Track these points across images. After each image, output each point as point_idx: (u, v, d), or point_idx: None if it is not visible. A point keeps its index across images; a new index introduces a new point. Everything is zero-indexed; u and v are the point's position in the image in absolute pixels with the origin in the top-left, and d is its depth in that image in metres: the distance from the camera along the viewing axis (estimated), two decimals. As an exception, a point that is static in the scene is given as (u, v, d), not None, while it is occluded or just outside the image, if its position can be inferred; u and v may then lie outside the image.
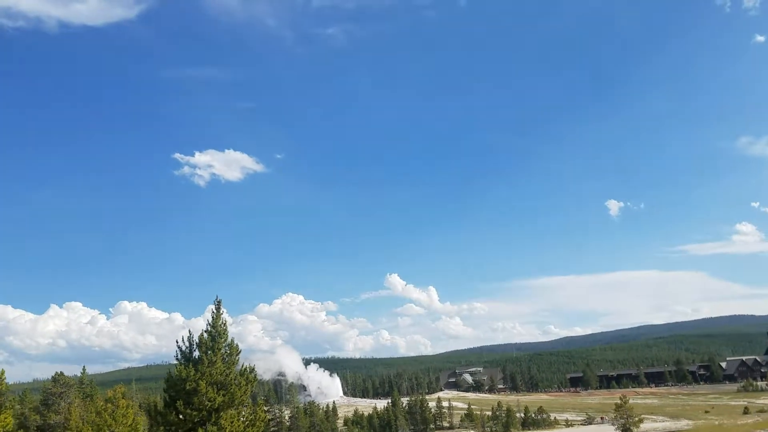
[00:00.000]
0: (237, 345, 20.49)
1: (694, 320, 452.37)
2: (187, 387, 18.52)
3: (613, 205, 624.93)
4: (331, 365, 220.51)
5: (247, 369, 20.35)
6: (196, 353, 19.61)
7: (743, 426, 45.62)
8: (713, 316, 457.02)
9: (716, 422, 61.38)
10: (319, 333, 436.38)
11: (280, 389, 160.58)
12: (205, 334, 19.70)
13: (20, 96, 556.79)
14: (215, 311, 20.13)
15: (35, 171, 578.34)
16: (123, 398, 16.41)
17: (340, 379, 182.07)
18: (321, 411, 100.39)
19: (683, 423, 66.43)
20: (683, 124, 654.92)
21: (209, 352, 19.36)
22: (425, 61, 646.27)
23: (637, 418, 42.55)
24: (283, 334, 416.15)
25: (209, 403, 18.66)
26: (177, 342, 19.74)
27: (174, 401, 18.77)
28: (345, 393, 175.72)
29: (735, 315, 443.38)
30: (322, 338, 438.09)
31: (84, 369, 61.20)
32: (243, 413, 19.59)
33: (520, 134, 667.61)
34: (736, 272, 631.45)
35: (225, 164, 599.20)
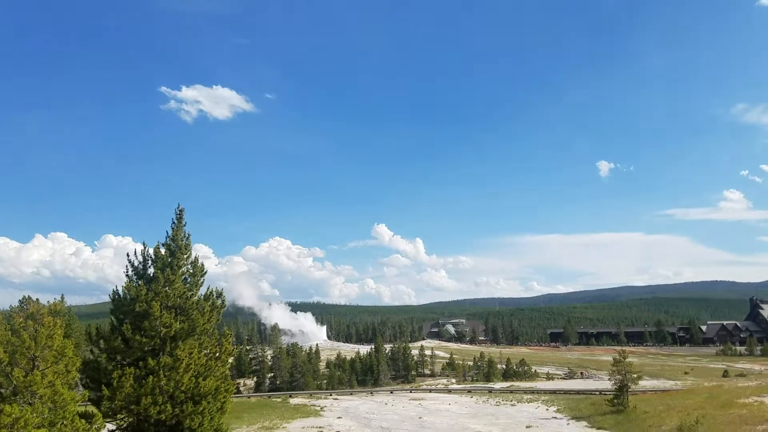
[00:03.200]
0: (202, 265, 17.27)
1: (676, 284, 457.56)
2: (137, 308, 15.35)
3: (604, 166, 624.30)
4: (316, 310, 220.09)
5: (213, 293, 17.18)
6: (151, 270, 16.38)
7: (745, 388, 43.76)
8: (695, 280, 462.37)
9: (705, 383, 59.98)
10: (304, 278, 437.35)
11: (263, 330, 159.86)
12: (162, 248, 16.41)
13: (5, 26, 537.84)
14: (176, 222, 16.81)
15: (21, 100, 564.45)
16: (50, 316, 13.20)
17: (325, 324, 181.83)
18: (304, 353, 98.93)
19: (671, 383, 65.09)
20: (680, 87, 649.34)
21: (167, 269, 16.11)
22: (423, 6, 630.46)
23: (635, 375, 40.36)
24: (269, 277, 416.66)
25: (164, 330, 15.56)
26: (128, 256, 16.48)
27: (121, 325, 15.65)
28: (329, 337, 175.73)
29: (716, 281, 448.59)
30: (308, 284, 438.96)
31: (62, 297, 57.76)
32: (206, 344, 16.51)
33: (516, 87, 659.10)
34: (720, 239, 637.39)
35: (213, 101, 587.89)
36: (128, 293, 15.75)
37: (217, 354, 16.41)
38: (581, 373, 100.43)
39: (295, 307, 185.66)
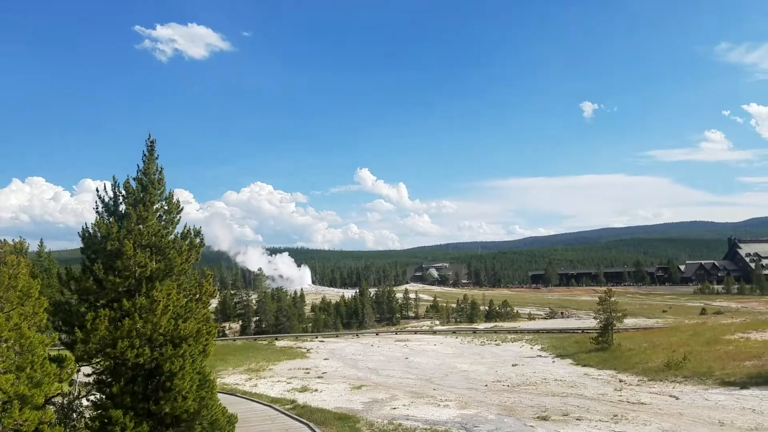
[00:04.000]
0: (178, 201, 16.13)
1: (655, 224, 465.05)
2: (109, 247, 14.29)
3: (588, 107, 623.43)
4: (299, 255, 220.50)
5: (191, 231, 16.11)
6: (123, 207, 15.24)
7: (729, 325, 44.35)
8: (674, 221, 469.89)
9: (686, 321, 60.99)
10: (287, 224, 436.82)
11: (248, 275, 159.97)
12: (133, 182, 15.23)
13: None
14: (147, 154, 15.56)
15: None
16: (13, 254, 12.15)
17: (303, 266, 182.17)
18: (289, 297, 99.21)
19: (652, 321, 66.21)
20: (663, 25, 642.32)
21: (139, 205, 14.97)
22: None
23: (621, 313, 40.55)
24: (252, 222, 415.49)
25: (139, 270, 14.55)
26: (97, 191, 15.29)
27: (92, 265, 14.62)
28: (314, 282, 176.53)
29: (695, 221, 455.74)
30: (291, 229, 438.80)
31: (41, 242, 56.23)
32: (185, 285, 15.58)
33: (500, 29, 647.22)
34: (700, 180, 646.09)
35: (188, 39, 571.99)
36: (98, 231, 14.64)
37: (197, 295, 15.50)
38: (561, 313, 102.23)
39: (279, 253, 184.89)
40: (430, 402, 23.90)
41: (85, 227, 14.95)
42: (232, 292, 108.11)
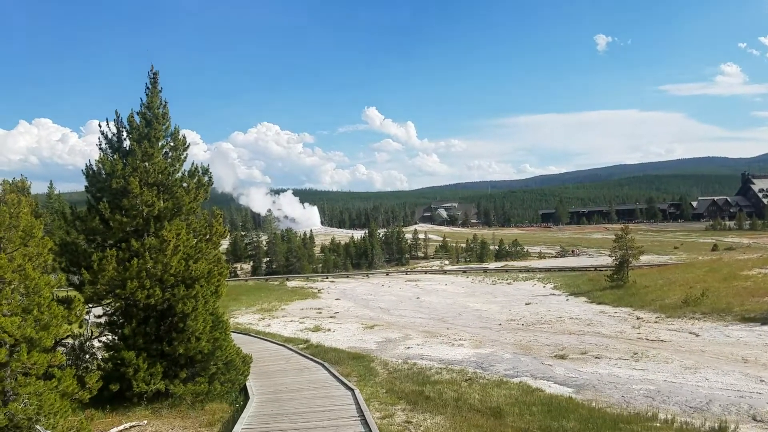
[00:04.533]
0: (184, 138, 15.38)
1: (668, 161, 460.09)
2: (114, 185, 13.67)
3: (602, 40, 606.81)
4: (307, 197, 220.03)
5: (199, 169, 15.43)
6: (127, 144, 14.52)
7: (746, 261, 43.78)
8: (687, 157, 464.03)
9: (700, 257, 60.54)
10: (295, 164, 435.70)
11: (258, 217, 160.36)
12: (137, 117, 14.44)
13: None
14: (150, 87, 14.70)
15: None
16: (14, 193, 11.55)
17: (318, 210, 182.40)
18: (298, 238, 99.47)
19: (665, 258, 65.81)
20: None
21: (143, 141, 14.24)
22: None
23: (636, 251, 39.98)
24: (259, 163, 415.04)
25: (146, 209, 13.97)
26: (99, 126, 14.52)
27: (98, 203, 14.04)
28: (322, 223, 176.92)
29: (709, 157, 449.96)
30: (299, 170, 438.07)
31: (51, 184, 55.76)
32: (194, 225, 15.03)
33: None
34: (714, 114, 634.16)
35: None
36: (103, 168, 13.98)
37: (208, 235, 14.97)
38: (572, 251, 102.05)
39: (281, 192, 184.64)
40: (444, 341, 23.70)
41: (88, 164, 14.29)
42: (243, 233, 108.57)
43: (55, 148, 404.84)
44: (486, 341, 23.37)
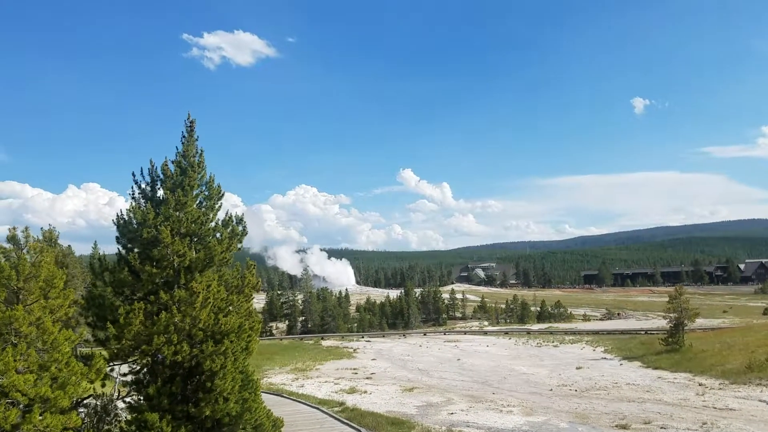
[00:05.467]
0: (219, 187, 14.77)
1: (712, 223, 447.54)
2: (145, 235, 13.01)
3: (639, 103, 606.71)
4: (343, 256, 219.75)
5: (233, 218, 14.72)
6: (161, 193, 13.95)
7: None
8: (731, 219, 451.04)
9: (755, 320, 57.06)
10: (332, 225, 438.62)
11: (294, 278, 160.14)
12: (171, 165, 13.91)
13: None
14: (186, 135, 14.24)
15: (47, 53, 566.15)
16: (36, 241, 10.94)
17: (353, 270, 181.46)
18: (334, 297, 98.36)
19: (718, 321, 62.32)
20: (715, 17, 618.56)
21: (177, 190, 13.65)
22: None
23: (692, 312, 37.61)
24: (297, 224, 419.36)
25: (177, 260, 13.22)
26: (133, 175, 14.03)
27: (128, 254, 13.37)
28: (358, 282, 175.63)
29: (753, 219, 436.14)
30: (335, 230, 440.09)
31: (95, 244, 56.71)
32: (226, 276, 14.20)
33: (542, 24, 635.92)
34: (757, 176, 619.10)
35: (235, 47, 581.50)
36: (134, 217, 13.37)
37: (240, 287, 14.11)
38: (618, 314, 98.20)
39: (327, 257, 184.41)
40: (491, 407, 21.99)
41: (120, 214, 13.70)
42: (279, 292, 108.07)
43: (102, 211, 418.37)
44: (537, 408, 21.57)
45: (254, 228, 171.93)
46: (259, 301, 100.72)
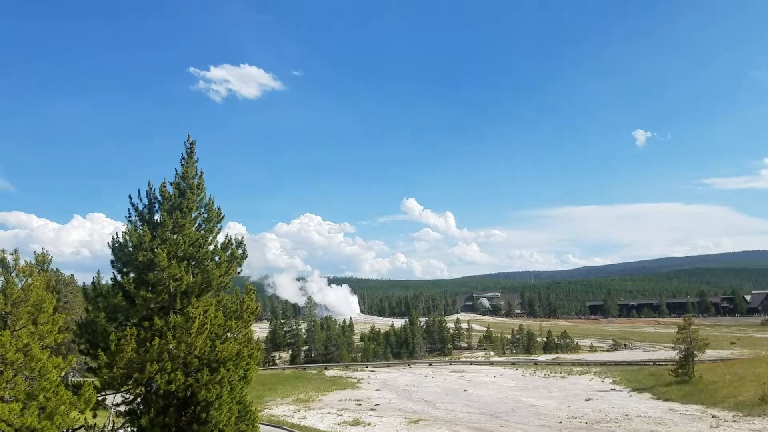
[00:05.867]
0: (219, 209, 14.41)
1: (716, 254, 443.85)
2: (140, 258, 12.58)
3: (640, 135, 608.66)
4: (348, 285, 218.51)
5: (232, 241, 14.31)
6: (158, 216, 13.56)
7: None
8: (736, 250, 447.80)
9: (763, 352, 55.89)
10: (336, 254, 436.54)
11: (296, 305, 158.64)
12: (170, 187, 13.55)
13: (38, 11, 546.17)
14: (186, 156, 13.92)
15: (53, 86, 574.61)
16: (26, 264, 10.50)
17: (357, 298, 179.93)
18: (338, 326, 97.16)
19: (726, 353, 61.07)
20: (717, 52, 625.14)
21: (175, 212, 13.27)
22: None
23: (701, 343, 36.72)
24: (302, 253, 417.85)
25: (173, 284, 12.77)
26: (130, 198, 13.64)
27: (123, 278, 12.93)
28: (362, 311, 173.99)
29: (758, 250, 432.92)
30: (340, 259, 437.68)
31: (98, 273, 56.01)
32: (224, 301, 13.72)
33: (545, 57, 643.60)
34: (761, 207, 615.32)
35: (241, 80, 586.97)
36: (129, 240, 12.96)
37: (239, 312, 13.61)
38: (625, 345, 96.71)
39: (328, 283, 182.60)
40: (499, 440, 21.18)
41: (115, 237, 13.29)
42: (282, 321, 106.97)
43: (106, 241, 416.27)
44: (546, 442, 20.76)
45: (256, 256, 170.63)
46: (262, 330, 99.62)
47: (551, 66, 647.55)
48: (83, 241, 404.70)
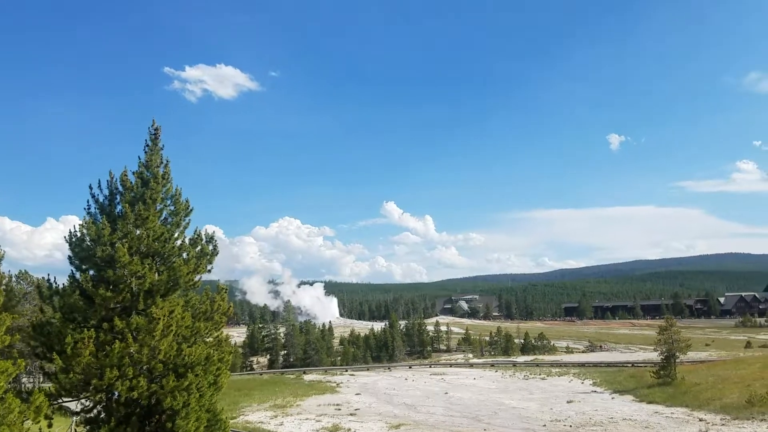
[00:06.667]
0: (187, 201, 13.41)
1: (689, 257, 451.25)
2: (99, 253, 11.55)
3: (614, 139, 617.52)
4: (327, 289, 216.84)
5: (202, 237, 13.32)
6: (120, 207, 12.54)
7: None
8: (709, 253, 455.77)
9: (740, 354, 56.24)
10: (315, 257, 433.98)
11: (276, 310, 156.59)
12: (132, 176, 12.55)
13: (9, 11, 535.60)
14: (150, 143, 12.92)
15: (26, 87, 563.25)
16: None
17: (337, 301, 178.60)
18: (317, 330, 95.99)
19: (704, 354, 61.37)
20: (690, 57, 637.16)
21: (138, 204, 12.26)
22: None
23: (683, 344, 36.46)
24: (280, 257, 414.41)
25: (136, 282, 11.76)
26: (90, 188, 12.60)
27: (80, 276, 11.89)
28: (341, 315, 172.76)
29: (731, 253, 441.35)
30: (319, 263, 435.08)
31: (73, 273, 53.76)
32: (193, 301, 12.74)
33: (521, 60, 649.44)
34: (733, 210, 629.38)
35: (217, 80, 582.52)
36: (87, 234, 11.93)
37: (209, 313, 12.63)
38: (600, 346, 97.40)
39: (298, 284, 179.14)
40: (483, 445, 20.44)
41: (72, 230, 12.24)
42: (260, 325, 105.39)
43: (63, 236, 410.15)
44: (531, 447, 20.08)
45: (225, 261, 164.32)
46: (240, 334, 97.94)
47: (526, 69, 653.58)
48: (56, 243, 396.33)
